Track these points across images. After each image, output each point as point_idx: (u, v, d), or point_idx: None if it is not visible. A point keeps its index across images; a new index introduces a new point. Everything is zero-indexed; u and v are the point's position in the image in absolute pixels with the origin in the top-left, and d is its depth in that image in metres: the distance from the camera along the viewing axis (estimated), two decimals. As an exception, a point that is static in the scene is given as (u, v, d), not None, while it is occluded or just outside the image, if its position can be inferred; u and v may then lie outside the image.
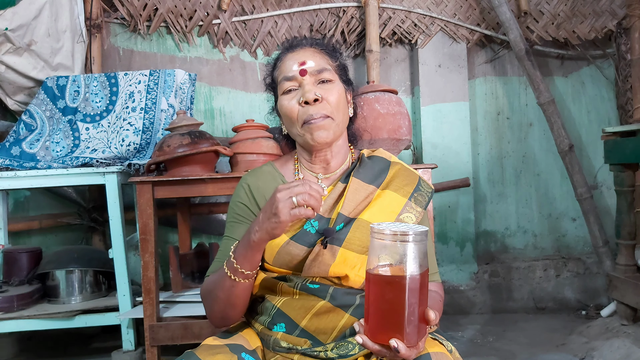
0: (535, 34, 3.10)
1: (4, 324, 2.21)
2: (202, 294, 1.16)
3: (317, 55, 1.18)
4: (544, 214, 3.27)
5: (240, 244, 1.04)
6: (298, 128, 1.15)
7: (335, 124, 1.15)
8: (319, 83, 1.15)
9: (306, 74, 1.14)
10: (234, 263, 1.03)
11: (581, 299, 3.09)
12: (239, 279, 1.04)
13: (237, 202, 1.19)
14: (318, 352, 1.04)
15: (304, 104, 1.12)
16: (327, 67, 1.17)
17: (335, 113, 1.14)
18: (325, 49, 1.21)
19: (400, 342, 0.82)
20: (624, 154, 2.35)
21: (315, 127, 1.12)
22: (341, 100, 1.16)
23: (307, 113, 1.12)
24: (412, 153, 3.14)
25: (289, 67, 1.16)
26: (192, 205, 2.76)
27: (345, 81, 1.22)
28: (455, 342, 2.55)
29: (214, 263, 1.18)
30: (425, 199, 1.19)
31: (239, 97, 3.10)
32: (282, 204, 0.94)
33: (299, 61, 1.15)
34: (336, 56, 1.22)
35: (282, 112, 1.19)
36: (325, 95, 1.13)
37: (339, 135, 1.18)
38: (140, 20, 2.94)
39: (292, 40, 1.23)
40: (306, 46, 1.20)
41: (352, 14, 3.03)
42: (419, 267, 0.83)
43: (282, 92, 1.17)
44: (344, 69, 1.24)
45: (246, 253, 1.02)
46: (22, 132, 2.52)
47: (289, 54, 1.19)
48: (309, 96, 1.11)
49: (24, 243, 2.78)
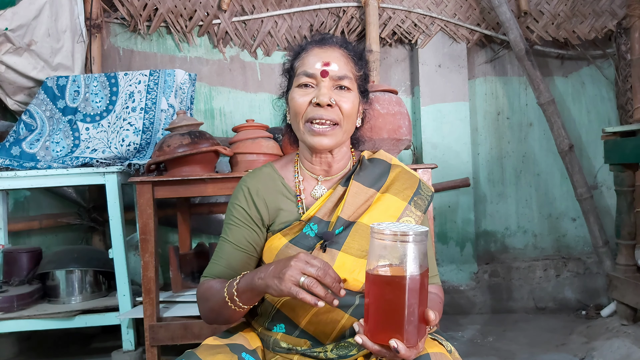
0: (535, 34, 3.10)
1: (4, 324, 2.21)
2: (198, 295, 1.15)
3: (342, 60, 1.13)
4: (544, 214, 3.27)
5: (245, 279, 1.01)
6: (301, 126, 1.13)
7: (341, 132, 1.13)
8: (336, 88, 1.12)
9: (327, 75, 1.10)
10: (234, 294, 1.01)
11: (581, 299, 3.09)
12: (234, 306, 1.02)
13: (236, 205, 1.18)
14: (318, 352, 1.04)
15: (316, 105, 1.10)
16: (349, 76, 1.13)
17: (344, 121, 1.13)
18: (354, 54, 1.17)
19: (400, 342, 0.82)
20: (624, 154, 2.35)
21: (318, 133, 1.11)
22: (353, 110, 1.14)
23: (315, 112, 1.10)
24: (412, 153, 3.14)
25: (312, 63, 1.12)
26: (192, 205, 2.76)
27: (362, 92, 1.20)
28: (455, 342, 2.55)
29: (211, 265, 1.17)
30: (425, 203, 1.18)
31: (239, 97, 3.10)
32: (290, 275, 0.91)
33: (323, 60, 1.11)
34: (361, 65, 1.18)
35: (290, 104, 1.16)
36: (340, 101, 1.11)
37: (341, 142, 1.16)
38: (140, 20, 2.94)
39: (324, 35, 1.18)
40: (335, 45, 1.15)
41: (352, 14, 3.03)
42: (418, 268, 0.83)
43: (297, 85, 1.14)
44: (365, 79, 1.21)
45: (246, 290, 1.00)
46: (22, 132, 2.52)
47: (316, 48, 1.14)
48: (323, 99, 1.09)
49: (24, 243, 2.77)
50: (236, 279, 1.03)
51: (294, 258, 0.93)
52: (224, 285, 1.05)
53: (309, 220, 1.13)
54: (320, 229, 1.12)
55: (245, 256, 1.15)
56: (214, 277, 1.15)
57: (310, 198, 1.18)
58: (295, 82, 1.14)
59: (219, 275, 1.14)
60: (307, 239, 1.11)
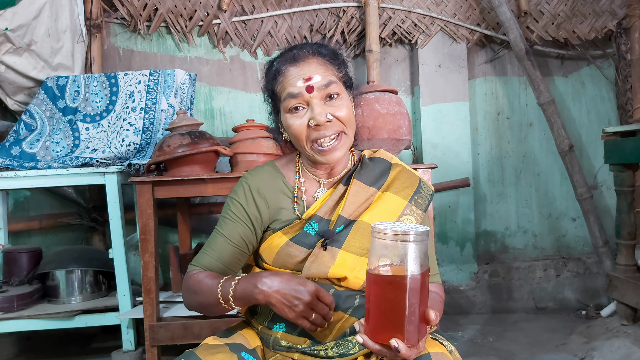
0: (535, 34, 3.10)
1: (4, 324, 2.21)
2: (184, 285, 1.14)
3: (321, 69, 1.11)
4: (544, 214, 3.27)
5: (242, 286, 1.02)
6: (308, 149, 1.12)
7: (348, 139, 1.14)
8: (327, 99, 1.10)
9: (313, 90, 1.08)
10: (230, 295, 1.02)
11: (581, 299, 3.09)
12: (227, 307, 1.05)
13: (234, 200, 1.18)
14: (318, 350, 1.04)
15: (315, 127, 1.09)
16: (334, 80, 1.11)
17: (347, 128, 1.12)
18: (330, 58, 1.14)
19: (400, 341, 0.82)
20: (624, 154, 2.35)
21: (329, 151, 1.10)
22: (350, 114, 1.13)
23: (318, 134, 1.09)
24: (412, 153, 3.14)
25: (293, 83, 1.09)
26: (192, 205, 2.77)
27: (349, 87, 1.18)
28: (455, 342, 2.55)
29: (201, 254, 1.16)
30: (425, 202, 1.18)
31: (239, 97, 3.10)
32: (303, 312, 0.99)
33: (303, 77, 1.09)
34: (339, 64, 1.16)
35: (288, 131, 1.14)
36: (336, 113, 1.10)
37: (350, 146, 1.16)
38: (140, 20, 2.94)
39: (293, 51, 1.13)
40: (308, 55, 1.12)
41: (352, 14, 3.03)
42: (419, 267, 0.83)
43: (287, 110, 1.11)
44: (348, 75, 1.19)
45: (243, 297, 1.02)
46: (22, 132, 2.52)
47: (291, 67, 1.11)
48: (320, 119, 1.07)
49: (24, 243, 2.77)
50: (232, 281, 1.03)
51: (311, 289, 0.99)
52: (217, 284, 1.05)
53: (309, 219, 1.13)
54: (321, 227, 1.12)
55: (237, 252, 1.15)
56: (203, 267, 1.14)
57: (312, 198, 1.19)
58: (284, 107, 1.12)
59: (209, 266, 1.14)
60: (307, 237, 1.12)
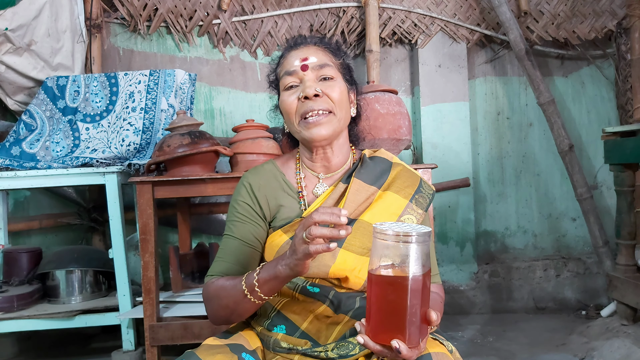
0: (535, 34, 3.10)
1: (4, 324, 2.21)
2: (206, 295, 1.12)
3: (319, 52, 1.17)
4: (544, 214, 3.27)
5: (266, 269, 0.99)
6: (296, 124, 1.14)
7: (336, 120, 1.14)
8: (321, 80, 1.14)
9: (307, 69, 1.13)
10: (255, 285, 0.99)
11: (581, 299, 3.09)
12: (254, 299, 1.00)
13: (239, 201, 1.18)
14: (318, 352, 1.04)
15: (304, 99, 1.12)
16: (329, 64, 1.16)
17: (337, 109, 1.13)
18: (329, 47, 1.20)
19: (401, 342, 0.82)
20: (624, 154, 2.35)
21: (313, 124, 1.11)
22: (343, 97, 1.15)
23: (306, 106, 1.11)
24: (412, 153, 3.14)
25: (291, 63, 1.15)
26: (192, 205, 2.76)
27: (348, 80, 1.21)
28: (455, 342, 2.55)
29: (216, 262, 1.15)
30: (426, 201, 1.18)
31: (239, 97, 3.10)
32: (297, 241, 0.90)
33: (301, 57, 1.15)
34: (339, 54, 1.21)
35: (282, 109, 1.18)
36: (327, 91, 1.13)
37: (339, 132, 1.16)
38: (140, 20, 2.93)
39: (296, 38, 1.22)
40: (309, 44, 1.19)
41: (352, 14, 3.03)
42: (421, 268, 0.83)
43: (283, 88, 1.17)
44: (347, 67, 1.23)
45: (269, 279, 0.98)
46: (22, 132, 2.52)
47: (292, 51, 1.18)
48: (308, 91, 1.11)
49: (24, 243, 2.77)
50: (255, 271, 1.01)
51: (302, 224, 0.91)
52: (240, 280, 1.03)
53: (309, 217, 1.13)
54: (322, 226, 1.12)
55: (253, 252, 1.15)
56: (221, 274, 1.13)
57: (312, 195, 1.18)
58: (282, 87, 1.17)
59: (227, 272, 1.12)
60: None
